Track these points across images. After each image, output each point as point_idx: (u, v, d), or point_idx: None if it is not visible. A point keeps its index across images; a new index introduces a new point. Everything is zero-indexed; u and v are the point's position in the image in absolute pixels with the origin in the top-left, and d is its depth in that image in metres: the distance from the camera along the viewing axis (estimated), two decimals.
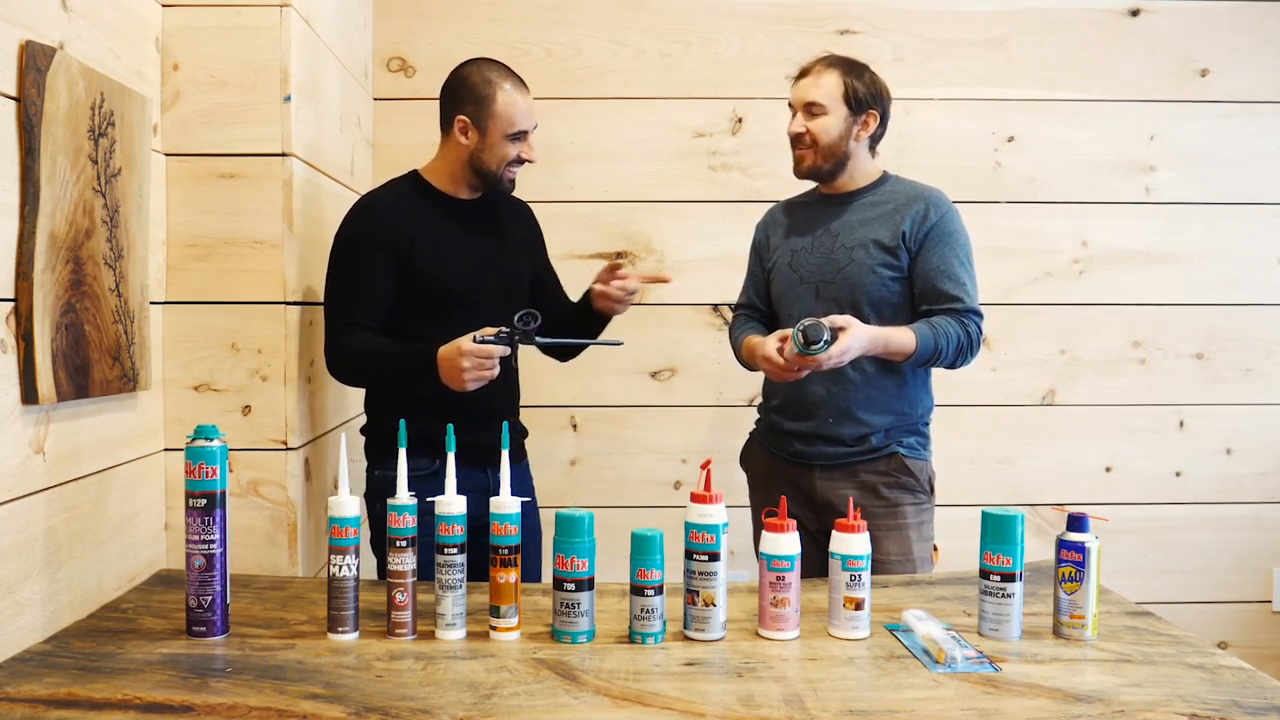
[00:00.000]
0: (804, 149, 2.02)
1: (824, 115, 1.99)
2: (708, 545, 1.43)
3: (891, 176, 2.09)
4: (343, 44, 2.35)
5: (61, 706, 1.20)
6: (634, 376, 2.76)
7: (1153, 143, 2.78)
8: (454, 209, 2.00)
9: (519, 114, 1.94)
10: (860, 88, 2.00)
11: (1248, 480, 2.83)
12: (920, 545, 2.02)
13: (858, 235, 2.01)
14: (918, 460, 2.04)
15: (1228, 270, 2.80)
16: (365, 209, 1.97)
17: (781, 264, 2.09)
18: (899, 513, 2.00)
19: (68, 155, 1.47)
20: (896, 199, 2.03)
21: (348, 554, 1.44)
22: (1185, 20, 2.77)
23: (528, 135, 1.97)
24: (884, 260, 1.99)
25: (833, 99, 1.99)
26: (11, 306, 1.37)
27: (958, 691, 1.26)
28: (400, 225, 1.93)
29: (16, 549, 1.38)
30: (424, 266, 1.92)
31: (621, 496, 2.76)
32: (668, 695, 1.24)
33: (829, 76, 2.00)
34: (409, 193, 1.99)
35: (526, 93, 1.97)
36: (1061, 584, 1.46)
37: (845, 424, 2.00)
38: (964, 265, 2.00)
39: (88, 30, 1.57)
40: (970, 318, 1.96)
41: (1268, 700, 1.23)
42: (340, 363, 1.93)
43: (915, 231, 1.99)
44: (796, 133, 2.02)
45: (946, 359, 1.94)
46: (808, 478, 2.04)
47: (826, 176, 2.05)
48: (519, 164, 1.98)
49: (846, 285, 1.99)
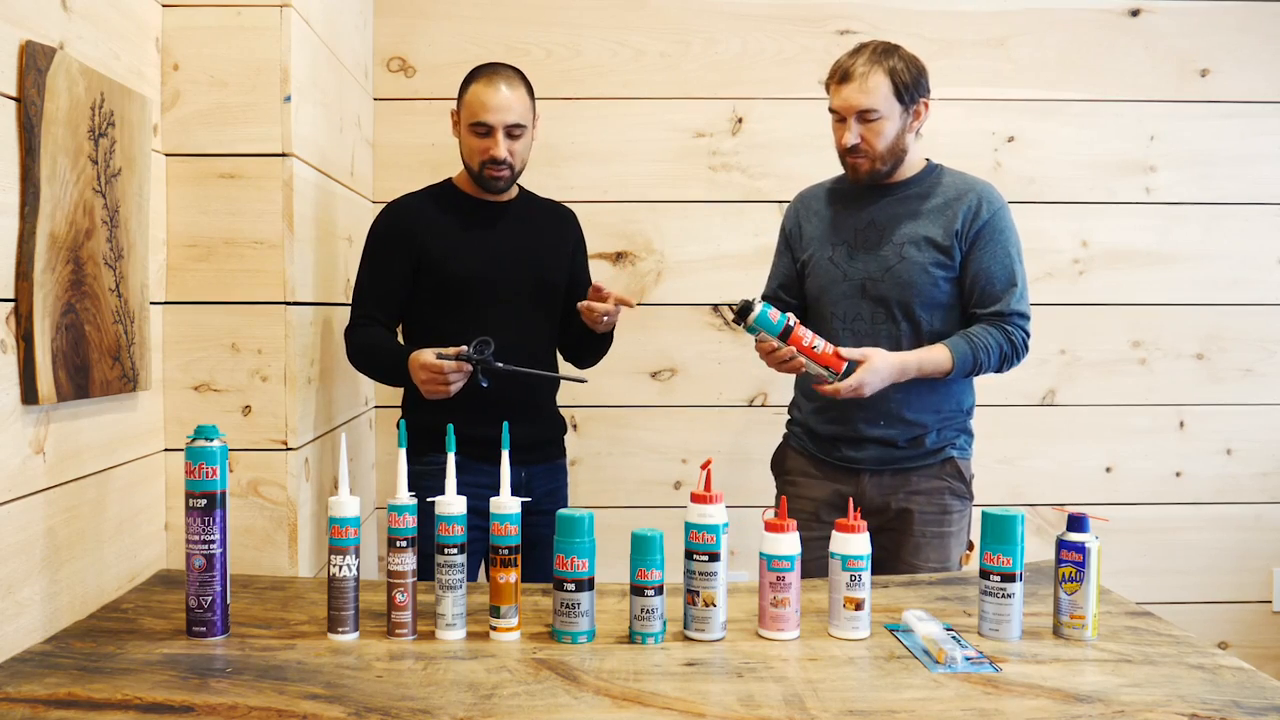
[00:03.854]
0: (860, 158, 1.90)
1: (880, 120, 1.86)
2: (708, 545, 1.43)
3: (937, 166, 1.99)
4: (343, 44, 2.35)
5: (61, 706, 1.20)
6: (634, 376, 2.76)
7: (1153, 143, 2.78)
8: (476, 209, 2.07)
9: (480, 105, 1.96)
10: (907, 78, 1.86)
11: (1248, 480, 2.83)
12: (956, 550, 1.98)
13: (907, 231, 1.92)
14: (966, 460, 1.99)
15: (1228, 270, 2.80)
16: (386, 209, 2.11)
17: (821, 258, 1.98)
18: (947, 520, 1.96)
19: (68, 155, 1.47)
20: (947, 192, 1.94)
21: (348, 554, 1.44)
22: (1185, 20, 2.77)
23: (494, 132, 1.95)
24: (936, 259, 1.91)
25: (887, 101, 1.86)
26: (11, 306, 1.37)
27: (958, 692, 1.26)
28: (413, 224, 2.05)
29: (16, 549, 1.38)
30: (435, 262, 2.02)
31: (621, 496, 2.76)
32: (668, 695, 1.24)
33: (876, 76, 1.85)
34: (432, 195, 2.10)
35: (501, 89, 1.96)
36: (1061, 584, 1.46)
37: (896, 426, 1.94)
38: (1016, 264, 1.92)
39: (88, 30, 1.57)
40: (1014, 321, 1.90)
41: (1268, 700, 1.23)
42: (351, 353, 2.07)
43: (968, 228, 1.90)
44: (853, 145, 1.88)
45: (989, 369, 1.91)
46: (854, 481, 1.97)
47: (884, 177, 1.95)
48: (494, 165, 1.98)
49: (896, 284, 1.91)
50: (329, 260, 2.22)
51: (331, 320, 2.24)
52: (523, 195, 2.14)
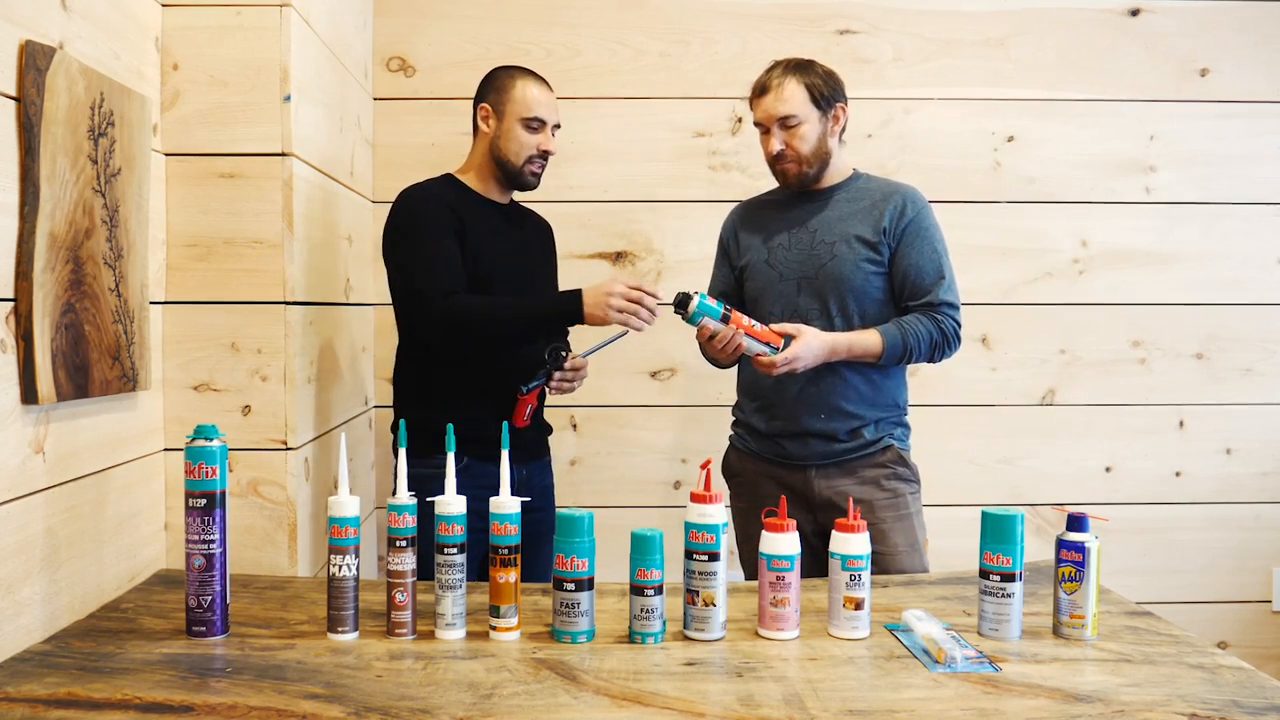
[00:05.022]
0: (788, 163, 2.02)
1: (800, 125, 1.99)
2: (708, 545, 1.43)
3: (862, 174, 2.11)
4: (343, 44, 2.35)
5: (61, 706, 1.20)
6: (634, 376, 2.76)
7: (1153, 143, 2.78)
8: (488, 207, 2.08)
9: (535, 100, 2.02)
10: (821, 85, 2.00)
11: (1248, 480, 2.83)
12: (921, 534, 2.04)
13: (838, 230, 2.03)
14: (906, 450, 2.06)
15: (1228, 270, 2.80)
16: (417, 193, 2.03)
17: (758, 261, 2.08)
18: (903, 503, 2.01)
19: (67, 155, 1.47)
20: (872, 195, 2.05)
21: (347, 554, 1.44)
22: (1185, 20, 2.77)
23: (546, 126, 2.03)
24: (866, 255, 2.00)
25: (804, 106, 1.99)
26: (11, 306, 1.37)
27: (958, 691, 1.26)
28: (453, 206, 2.01)
29: (16, 549, 1.38)
30: (474, 253, 1.99)
31: (621, 496, 2.76)
32: (668, 695, 1.24)
33: (790, 86, 1.99)
34: (449, 187, 2.07)
35: (549, 90, 2.05)
36: (1061, 584, 1.46)
37: (836, 418, 2.01)
38: (943, 259, 2.02)
39: (88, 30, 1.57)
40: (944, 311, 1.99)
41: (1268, 700, 1.23)
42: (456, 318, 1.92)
43: (894, 226, 2.01)
44: (778, 151, 2.01)
45: (920, 357, 1.98)
46: (801, 478, 2.03)
47: (812, 181, 2.06)
48: (541, 160, 2.04)
49: (829, 280, 2.00)
50: (329, 260, 2.22)
51: (332, 320, 2.24)
52: (513, 201, 2.16)
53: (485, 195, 2.08)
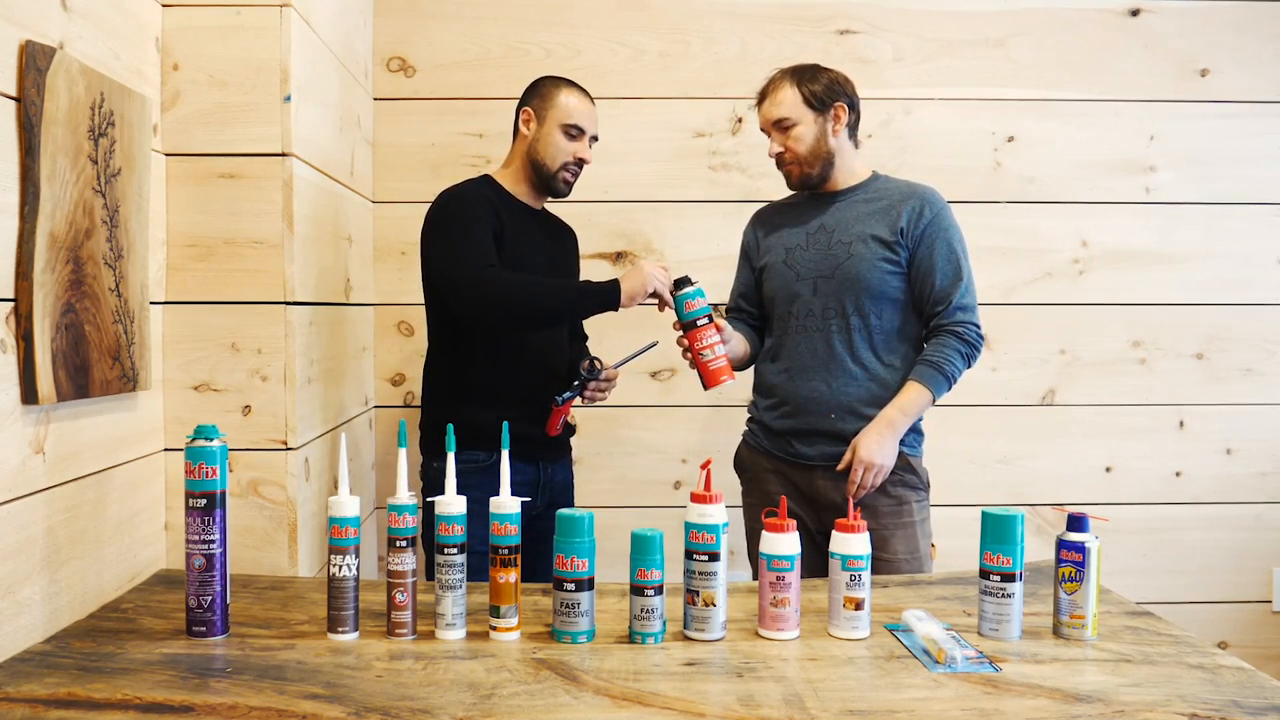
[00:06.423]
0: (789, 164, 2.08)
1: (794, 126, 2.03)
2: (708, 545, 1.43)
3: (882, 175, 2.11)
4: (343, 44, 2.35)
5: (61, 706, 1.20)
6: (634, 376, 2.75)
7: (1153, 143, 2.78)
8: (519, 210, 2.11)
9: (576, 109, 2.08)
10: (815, 88, 2.04)
11: (1248, 480, 2.83)
12: (924, 542, 2.03)
13: (854, 230, 2.04)
14: (917, 457, 2.05)
15: (1228, 270, 2.80)
16: (459, 190, 2.08)
17: (775, 262, 2.10)
18: (906, 510, 2.02)
19: (68, 155, 1.47)
20: (890, 195, 2.06)
21: (348, 554, 1.44)
22: (1185, 20, 2.77)
23: (584, 135, 2.09)
24: (883, 255, 2.01)
25: (795, 108, 2.04)
26: (11, 306, 1.37)
27: (958, 691, 1.26)
28: (492, 203, 2.05)
29: (16, 549, 1.38)
30: (510, 251, 2.02)
31: (621, 496, 2.76)
32: (668, 695, 1.24)
33: (783, 90, 2.05)
34: (488, 186, 2.11)
35: (591, 103, 2.11)
36: (1061, 584, 1.46)
37: (848, 420, 2.01)
38: (961, 260, 2.03)
39: (88, 30, 1.57)
40: (968, 327, 2.01)
41: (1268, 700, 1.23)
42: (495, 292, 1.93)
43: (912, 227, 2.01)
44: (777, 153, 2.07)
45: (960, 375, 2.02)
46: (808, 478, 2.04)
47: (819, 181, 2.08)
48: (576, 167, 2.10)
49: (846, 280, 2.01)
50: (329, 260, 2.22)
51: (332, 320, 2.24)
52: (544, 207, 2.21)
53: (520, 199, 2.12)
